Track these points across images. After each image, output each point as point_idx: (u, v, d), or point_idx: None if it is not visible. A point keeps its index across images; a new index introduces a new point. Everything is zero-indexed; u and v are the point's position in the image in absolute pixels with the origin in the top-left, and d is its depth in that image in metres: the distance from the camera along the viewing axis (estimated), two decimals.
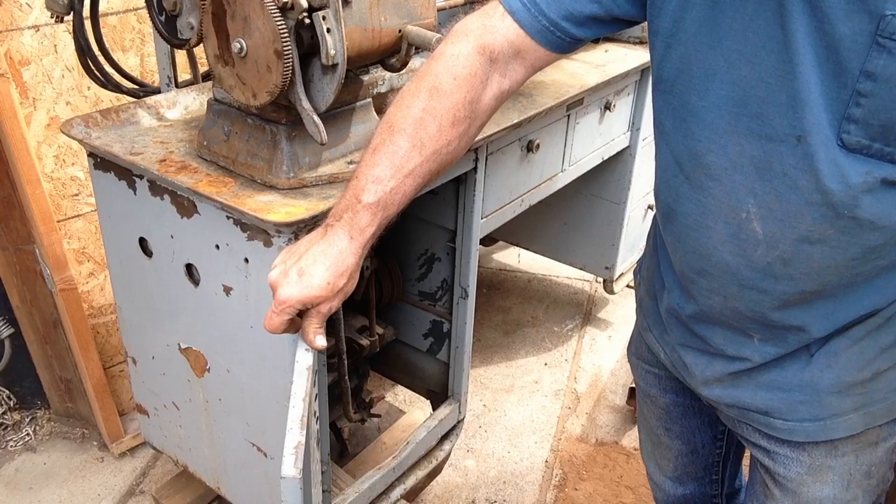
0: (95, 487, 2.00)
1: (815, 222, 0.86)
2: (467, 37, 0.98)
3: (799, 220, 0.87)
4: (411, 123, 0.95)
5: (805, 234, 0.87)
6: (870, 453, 1.04)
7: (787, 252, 0.89)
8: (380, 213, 0.94)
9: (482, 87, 0.98)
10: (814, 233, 0.87)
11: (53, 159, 1.81)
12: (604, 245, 2.44)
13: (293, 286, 0.91)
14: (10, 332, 2.05)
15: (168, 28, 1.30)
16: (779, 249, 0.90)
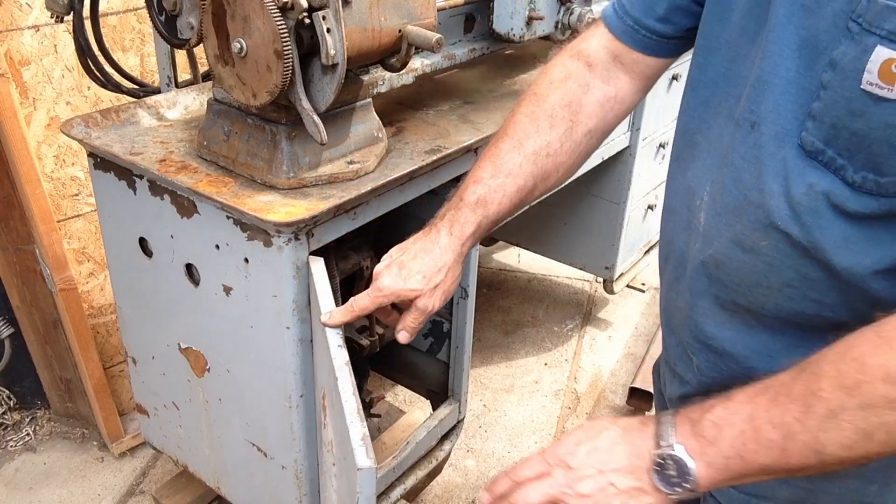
0: (95, 487, 2.00)
1: (750, 226, 0.78)
2: (566, 48, 1.01)
3: (735, 218, 0.79)
4: (512, 126, 0.98)
5: (739, 236, 0.80)
6: None
7: (721, 252, 0.82)
8: (479, 210, 0.96)
9: (581, 91, 0.98)
10: (747, 238, 0.79)
11: (53, 159, 1.81)
12: (604, 245, 2.44)
13: (392, 277, 0.96)
14: (10, 332, 2.05)
15: (168, 28, 1.30)
16: (713, 247, 0.83)
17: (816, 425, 0.65)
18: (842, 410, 0.64)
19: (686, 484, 0.71)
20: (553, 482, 0.75)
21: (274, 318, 1.23)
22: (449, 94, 1.68)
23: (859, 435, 0.64)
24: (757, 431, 0.68)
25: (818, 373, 0.66)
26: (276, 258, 1.16)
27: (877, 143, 0.66)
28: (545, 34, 1.76)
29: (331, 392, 1.02)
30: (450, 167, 1.46)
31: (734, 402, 0.71)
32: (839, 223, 0.71)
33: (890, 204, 0.68)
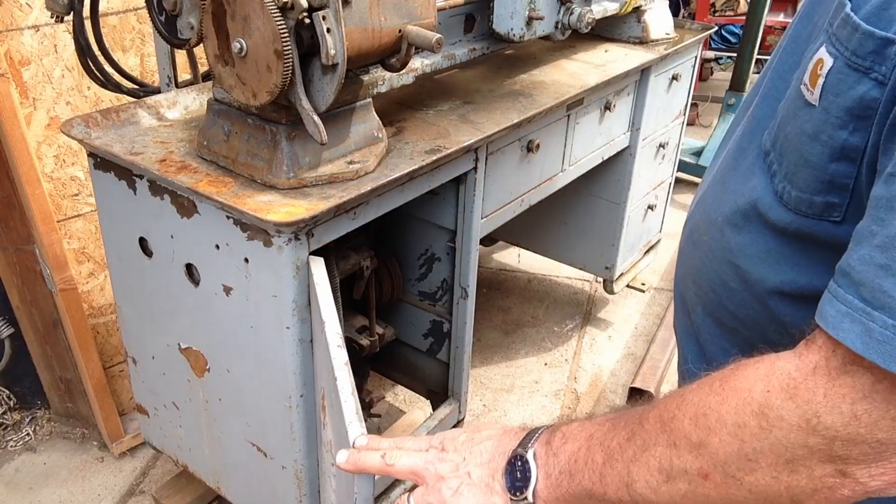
0: (95, 487, 1.99)
1: (703, 218, 0.78)
2: None
3: (699, 208, 0.80)
4: None
5: (695, 227, 0.80)
6: None
7: (683, 242, 0.83)
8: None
9: None
10: (697, 230, 0.79)
11: (53, 159, 1.81)
12: (604, 245, 2.44)
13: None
14: (10, 332, 2.05)
15: (168, 28, 1.30)
16: (685, 232, 0.83)
17: (631, 455, 0.62)
18: (653, 444, 0.61)
19: (526, 490, 0.68)
20: (424, 456, 0.75)
21: (274, 318, 1.23)
22: (449, 94, 1.68)
23: (662, 476, 0.61)
24: (588, 451, 0.66)
25: (657, 402, 0.64)
26: (276, 258, 1.16)
27: (794, 152, 0.64)
28: (545, 34, 1.76)
29: (330, 392, 1.02)
30: (450, 167, 1.46)
31: (592, 419, 0.69)
32: (762, 233, 0.69)
33: (799, 222, 0.65)
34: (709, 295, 0.77)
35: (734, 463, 0.57)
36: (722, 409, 0.58)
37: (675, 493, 0.60)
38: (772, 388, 0.56)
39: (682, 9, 4.98)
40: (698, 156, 3.77)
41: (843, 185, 0.61)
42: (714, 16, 4.72)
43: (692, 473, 0.59)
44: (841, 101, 0.59)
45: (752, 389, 0.57)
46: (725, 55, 5.18)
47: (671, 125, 2.42)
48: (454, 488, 0.72)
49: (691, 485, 0.59)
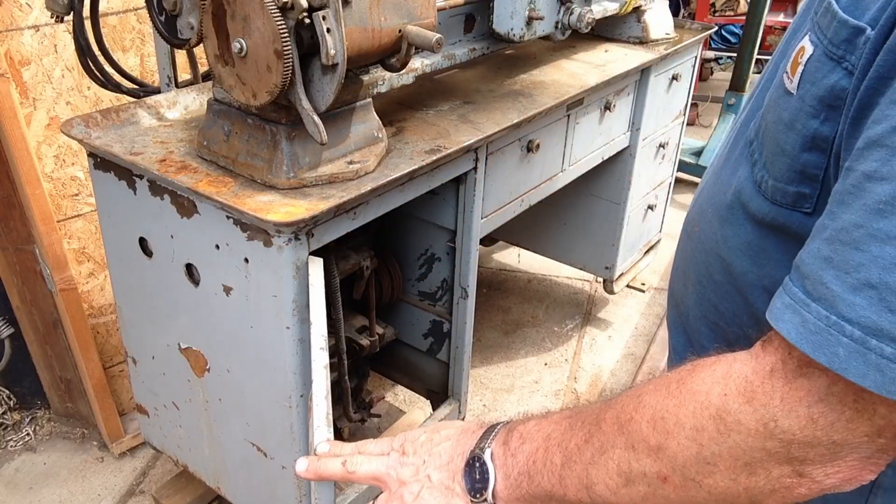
0: (95, 487, 1.99)
1: (697, 209, 0.79)
2: None
3: (696, 200, 0.81)
4: None
5: (690, 219, 0.81)
6: None
7: (681, 234, 0.84)
8: None
9: None
10: (691, 221, 0.80)
11: (53, 159, 1.81)
12: (604, 245, 2.44)
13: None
14: (10, 332, 2.05)
15: (168, 28, 1.30)
16: (685, 227, 0.84)
17: (589, 457, 0.62)
18: (612, 447, 0.60)
19: (485, 492, 0.68)
20: (385, 461, 0.75)
21: (274, 318, 1.23)
22: (449, 94, 1.68)
23: (622, 479, 0.60)
24: (546, 452, 0.65)
25: (613, 402, 0.63)
26: (276, 258, 1.16)
27: (772, 140, 0.65)
28: (545, 34, 1.76)
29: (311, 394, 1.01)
30: (450, 167, 1.46)
31: (548, 417, 0.68)
32: (744, 225, 0.69)
33: (775, 213, 0.65)
34: (696, 287, 0.77)
35: (693, 466, 0.57)
36: (679, 412, 0.57)
37: (635, 494, 0.60)
38: (729, 392, 0.55)
39: (682, 9, 4.98)
40: (698, 156, 3.78)
41: (813, 175, 0.61)
42: (714, 16, 4.72)
43: (651, 476, 0.59)
44: (815, 90, 0.58)
45: (709, 393, 0.56)
46: (725, 55, 5.18)
47: (671, 125, 2.42)
48: (415, 493, 0.71)
49: (650, 487, 0.59)
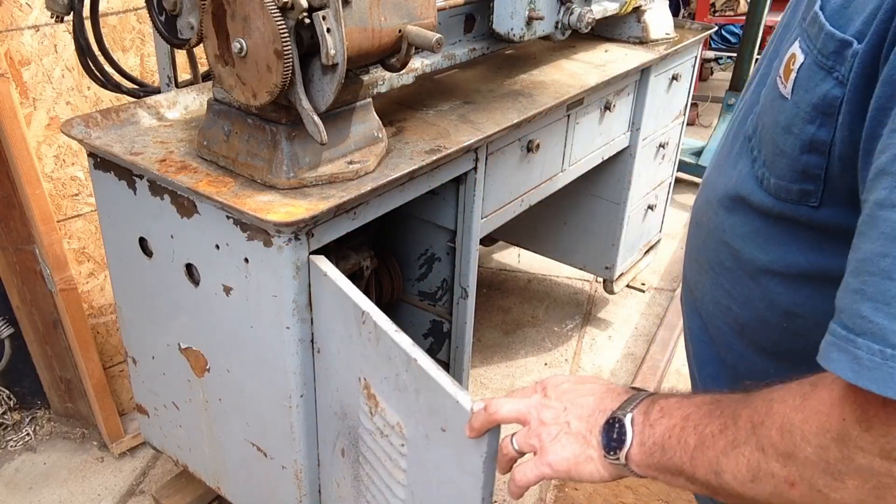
0: (95, 487, 1.99)
1: (705, 200, 0.83)
2: None
3: (703, 190, 0.85)
4: None
5: (698, 209, 0.86)
6: None
7: (691, 223, 0.89)
8: None
9: None
10: (699, 211, 0.85)
11: (53, 159, 1.81)
12: (604, 245, 2.44)
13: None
14: (10, 332, 2.05)
15: (168, 28, 1.30)
16: (691, 216, 0.89)
17: (722, 447, 0.65)
18: (744, 443, 0.64)
19: (619, 451, 0.73)
20: (527, 402, 0.80)
21: (274, 318, 1.23)
22: (449, 94, 1.68)
23: (750, 474, 0.63)
24: (682, 431, 0.69)
25: (749, 400, 0.66)
26: (276, 258, 1.16)
27: (770, 142, 0.68)
28: (545, 34, 1.76)
29: (396, 376, 1.02)
30: (450, 167, 1.46)
31: (690, 398, 0.72)
32: (750, 214, 0.73)
33: (781, 206, 0.69)
34: (709, 273, 0.81)
35: (820, 479, 0.58)
36: (805, 428, 0.59)
37: (761, 491, 0.63)
38: (847, 417, 0.56)
39: (682, 9, 4.98)
40: (698, 156, 3.78)
41: (815, 174, 0.64)
42: (714, 16, 4.72)
43: (779, 479, 0.61)
44: (809, 97, 0.62)
45: (829, 414, 0.57)
46: (725, 55, 5.18)
47: (671, 125, 2.42)
48: (553, 434, 0.77)
49: (777, 489, 0.62)
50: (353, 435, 1.22)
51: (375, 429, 1.13)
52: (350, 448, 1.25)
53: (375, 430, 1.13)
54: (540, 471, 0.77)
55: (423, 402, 0.97)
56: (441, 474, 0.98)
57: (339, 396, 1.24)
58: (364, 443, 1.18)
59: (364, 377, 1.12)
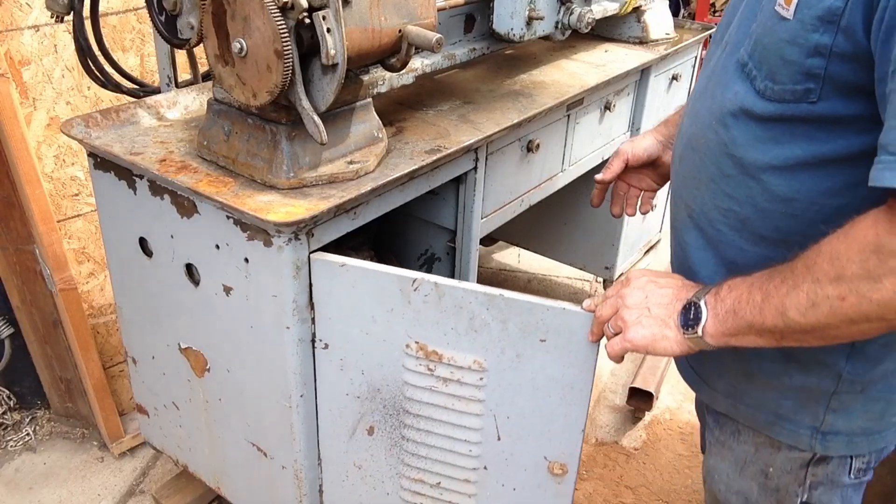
0: (95, 487, 1.99)
1: (699, 126, 0.97)
2: None
3: (693, 120, 0.99)
4: None
5: (692, 136, 0.99)
6: (769, 454, 1.05)
7: (682, 150, 1.02)
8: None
9: None
10: (694, 136, 0.98)
11: (53, 159, 1.81)
12: (604, 245, 2.44)
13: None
14: (10, 332, 2.05)
15: (168, 28, 1.30)
16: (680, 146, 1.03)
17: (785, 292, 0.82)
18: (802, 282, 0.81)
19: (696, 326, 0.90)
20: (614, 291, 1.00)
21: (274, 318, 1.23)
22: (449, 94, 1.68)
23: (809, 302, 0.80)
24: (750, 293, 0.86)
25: (801, 255, 0.83)
26: (276, 258, 1.16)
27: (773, 56, 0.84)
28: (545, 34, 1.76)
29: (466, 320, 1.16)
30: (450, 167, 1.46)
31: (751, 276, 0.88)
32: (749, 124, 0.88)
33: (782, 109, 0.84)
34: (708, 186, 0.95)
35: (864, 286, 0.76)
36: (849, 252, 0.77)
37: (820, 315, 0.80)
38: (880, 231, 0.75)
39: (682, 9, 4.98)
40: None
41: (816, 74, 0.81)
42: (714, 16, 4.72)
43: (833, 298, 0.79)
44: (812, 12, 0.79)
45: (866, 234, 0.76)
46: None
47: None
48: (636, 316, 0.95)
49: (833, 307, 0.79)
50: (390, 406, 1.29)
51: (437, 381, 1.23)
52: (384, 422, 1.31)
53: (438, 381, 1.23)
54: (623, 346, 0.96)
55: (513, 328, 1.15)
56: (538, 381, 1.18)
57: (367, 378, 1.27)
58: (413, 404, 1.26)
59: (417, 341, 1.20)
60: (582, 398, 1.18)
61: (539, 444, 1.25)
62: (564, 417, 1.21)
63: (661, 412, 2.33)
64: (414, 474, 1.34)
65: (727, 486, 1.11)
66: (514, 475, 1.30)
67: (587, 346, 1.12)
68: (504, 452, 1.28)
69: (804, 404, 0.99)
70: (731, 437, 1.08)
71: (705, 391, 1.10)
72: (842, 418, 0.98)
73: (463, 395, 1.23)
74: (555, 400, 1.20)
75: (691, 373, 1.13)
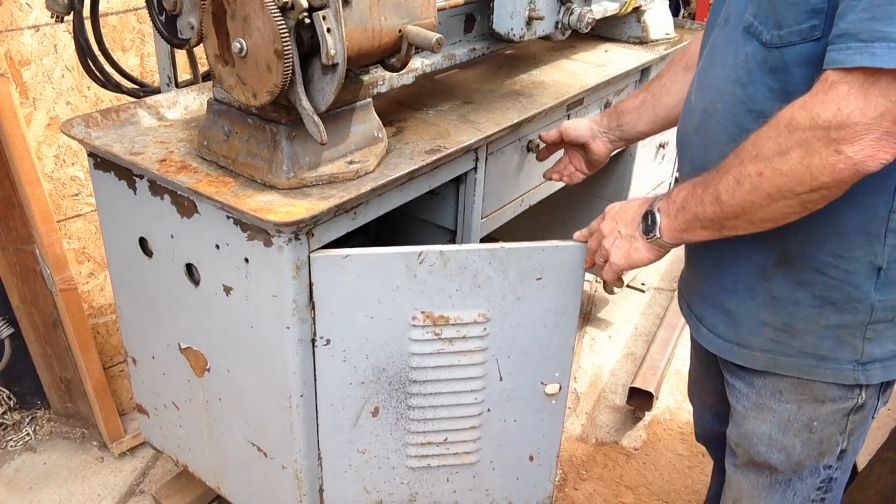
0: (95, 487, 1.99)
1: (713, 96, 1.05)
2: None
3: (708, 91, 1.07)
4: None
5: (706, 106, 1.06)
6: (813, 409, 1.10)
7: (698, 121, 1.09)
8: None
9: None
10: (710, 105, 1.05)
11: (53, 159, 1.81)
12: None
13: None
14: (10, 332, 2.05)
15: (168, 28, 1.30)
16: (694, 121, 1.10)
17: (719, 179, 0.96)
18: (731, 167, 0.94)
19: (655, 229, 1.06)
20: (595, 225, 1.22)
21: (274, 318, 1.23)
22: (449, 94, 1.68)
23: (735, 182, 0.93)
24: (694, 189, 1.00)
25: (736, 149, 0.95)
26: (276, 258, 1.16)
27: (780, 3, 0.92)
28: (545, 34, 1.76)
29: (470, 278, 1.28)
30: (450, 167, 1.46)
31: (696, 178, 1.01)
32: (763, 78, 0.97)
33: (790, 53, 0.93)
34: (731, 146, 0.99)
35: (777, 159, 0.88)
36: (769, 130, 0.90)
37: (744, 191, 0.92)
38: (794, 108, 0.87)
39: (682, 9, 4.97)
40: None
41: (820, 9, 0.89)
42: None
43: (752, 175, 0.91)
44: None
45: (784, 113, 0.89)
46: None
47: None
48: (612, 242, 1.14)
49: (753, 183, 0.91)
50: (396, 382, 1.35)
51: (444, 343, 1.33)
52: (389, 399, 1.37)
53: (444, 343, 1.33)
54: (610, 270, 1.15)
55: (513, 274, 1.29)
56: (535, 316, 1.33)
57: (371, 362, 1.32)
58: (418, 372, 1.34)
59: (423, 311, 1.29)
60: (572, 321, 1.35)
61: (536, 372, 1.40)
62: (557, 341, 1.37)
63: (661, 412, 2.33)
64: (420, 439, 1.42)
65: (768, 446, 1.16)
66: (514, 408, 1.44)
67: (576, 274, 1.30)
68: (506, 391, 1.41)
69: (843, 340, 1.04)
70: (772, 399, 1.13)
71: (742, 353, 1.13)
72: (877, 346, 1.04)
73: (468, 348, 1.34)
74: (549, 329, 1.35)
75: (720, 342, 1.16)
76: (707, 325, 1.17)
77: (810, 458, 1.15)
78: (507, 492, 1.55)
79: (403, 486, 1.47)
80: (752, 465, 1.21)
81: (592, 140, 1.51)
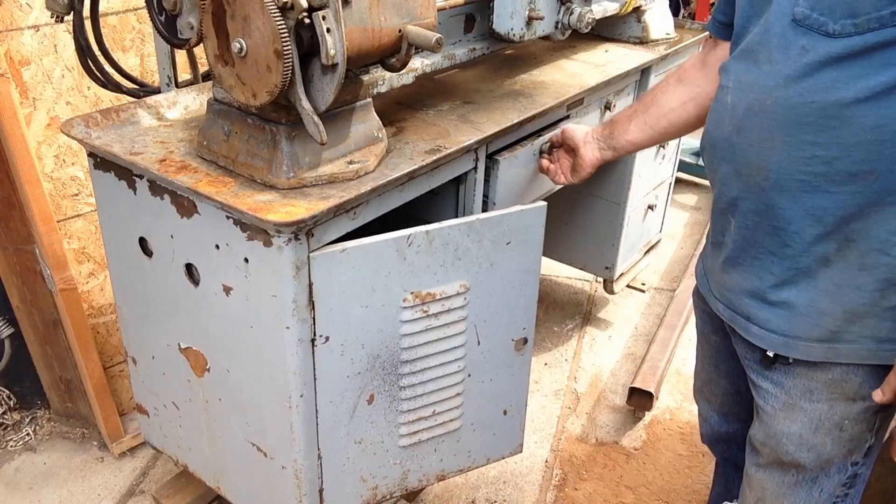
0: (95, 487, 2.00)
1: (760, 93, 1.03)
2: None
3: (748, 91, 1.05)
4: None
5: (751, 104, 1.05)
6: (845, 406, 1.11)
7: (741, 120, 1.07)
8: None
9: None
10: (757, 103, 1.04)
11: (53, 159, 1.81)
12: (604, 245, 2.44)
13: None
14: (10, 332, 2.05)
15: (168, 28, 1.30)
16: (735, 120, 1.08)
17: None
18: None
19: None
20: None
21: (274, 318, 1.23)
22: (449, 94, 1.68)
23: None
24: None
25: None
26: (275, 258, 1.16)
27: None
28: (545, 34, 1.76)
29: (451, 252, 1.35)
30: (450, 167, 1.46)
31: None
32: (826, 69, 0.95)
33: (866, 39, 0.91)
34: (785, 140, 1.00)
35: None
36: None
37: None
38: None
39: (682, 9, 4.98)
40: (698, 156, 3.77)
41: None
42: None
43: None
44: None
45: None
46: None
47: None
48: None
49: None
50: (388, 366, 1.38)
51: (431, 318, 1.37)
52: (382, 384, 1.40)
53: (431, 319, 1.38)
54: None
55: (487, 242, 1.37)
56: (506, 278, 1.43)
57: (367, 350, 1.34)
58: (408, 352, 1.38)
59: (412, 291, 1.33)
60: (535, 277, 1.47)
61: (507, 331, 1.50)
62: (524, 298, 1.47)
63: (661, 412, 2.33)
64: (411, 417, 1.47)
65: (798, 445, 1.17)
66: (490, 368, 1.53)
67: (538, 232, 1.42)
68: (483, 354, 1.50)
69: None
70: (802, 398, 1.14)
71: (798, 346, 1.12)
72: None
73: (452, 320, 1.41)
74: (518, 288, 1.45)
75: (774, 337, 1.14)
76: (758, 322, 1.15)
77: (839, 456, 1.16)
78: (485, 449, 1.64)
79: (396, 467, 1.51)
80: (778, 465, 1.21)
81: (583, 145, 1.55)
